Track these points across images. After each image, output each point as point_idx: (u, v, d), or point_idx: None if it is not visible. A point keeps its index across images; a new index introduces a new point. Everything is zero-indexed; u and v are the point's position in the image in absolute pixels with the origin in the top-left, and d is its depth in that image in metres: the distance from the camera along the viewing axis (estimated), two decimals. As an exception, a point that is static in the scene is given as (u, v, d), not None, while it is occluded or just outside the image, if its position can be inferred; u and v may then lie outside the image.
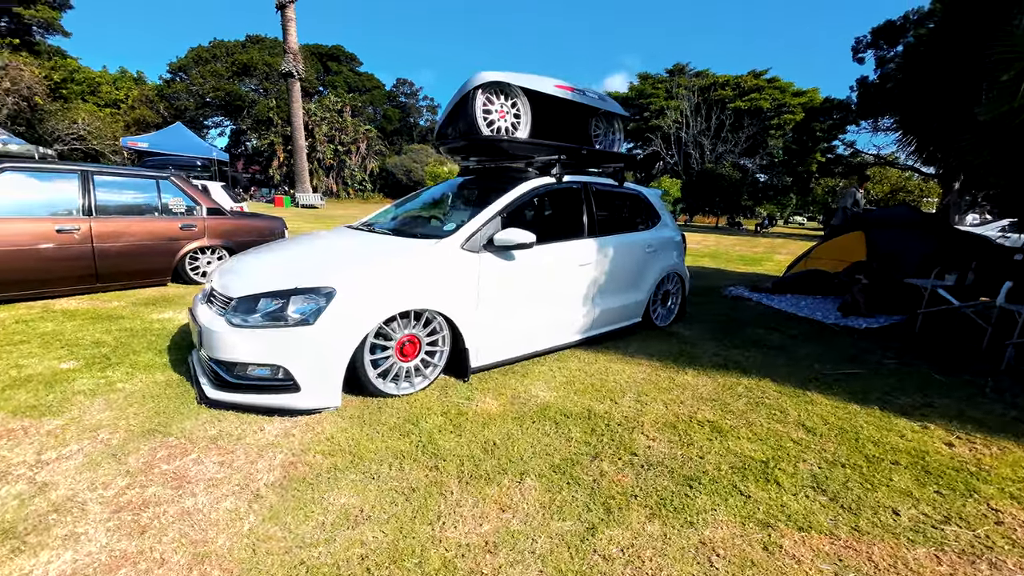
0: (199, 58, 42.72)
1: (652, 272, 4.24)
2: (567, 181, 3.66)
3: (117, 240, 4.63)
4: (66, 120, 26.65)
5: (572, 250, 3.50)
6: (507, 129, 3.69)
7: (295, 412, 2.39)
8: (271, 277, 2.55)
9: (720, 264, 10.56)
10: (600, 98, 4.30)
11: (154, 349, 3.24)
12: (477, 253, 2.92)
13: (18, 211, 4.12)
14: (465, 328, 2.87)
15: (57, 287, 4.41)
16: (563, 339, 3.57)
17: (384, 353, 2.62)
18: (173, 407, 2.41)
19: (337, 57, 50.41)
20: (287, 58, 25.72)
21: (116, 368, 2.88)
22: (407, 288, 2.63)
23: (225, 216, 5.58)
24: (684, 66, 43.55)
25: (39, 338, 3.36)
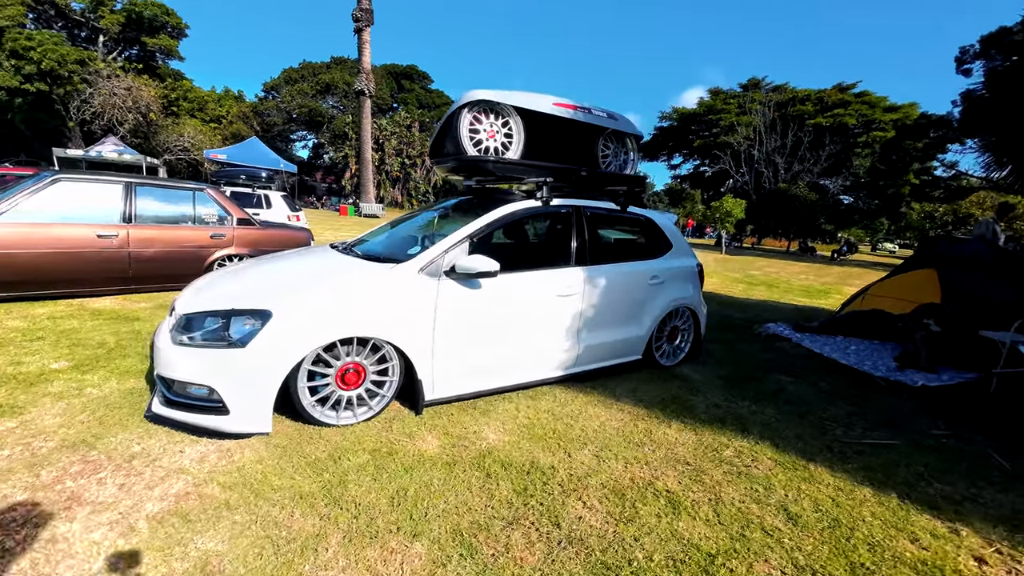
0: (289, 78, 46.97)
1: (656, 305, 3.85)
2: (555, 205, 3.42)
3: (150, 246, 5.01)
4: (175, 134, 30.23)
5: (550, 279, 3.24)
6: (497, 149, 3.53)
7: (224, 435, 2.36)
8: (220, 296, 2.56)
9: (775, 295, 9.62)
10: (609, 116, 4.03)
11: (144, 354, 3.40)
12: (436, 279, 2.77)
13: (67, 217, 4.57)
14: (418, 359, 2.72)
15: (96, 287, 4.84)
16: (539, 375, 3.31)
17: (324, 380, 2.53)
18: (118, 419, 2.47)
19: (411, 76, 53.22)
20: (360, 77, 27.52)
21: (97, 371, 3.04)
22: (352, 314, 2.53)
23: (253, 226, 5.89)
24: (760, 80, 41.20)
25: (56, 335, 3.66)
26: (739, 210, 20.83)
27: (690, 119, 43.67)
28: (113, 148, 21.68)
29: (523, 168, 3.51)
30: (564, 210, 3.48)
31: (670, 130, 46.30)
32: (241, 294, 2.50)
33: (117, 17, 28.65)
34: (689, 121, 43.99)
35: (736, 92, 41.88)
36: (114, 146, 21.83)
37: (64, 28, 28.53)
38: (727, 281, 11.20)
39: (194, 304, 2.49)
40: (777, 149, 33.51)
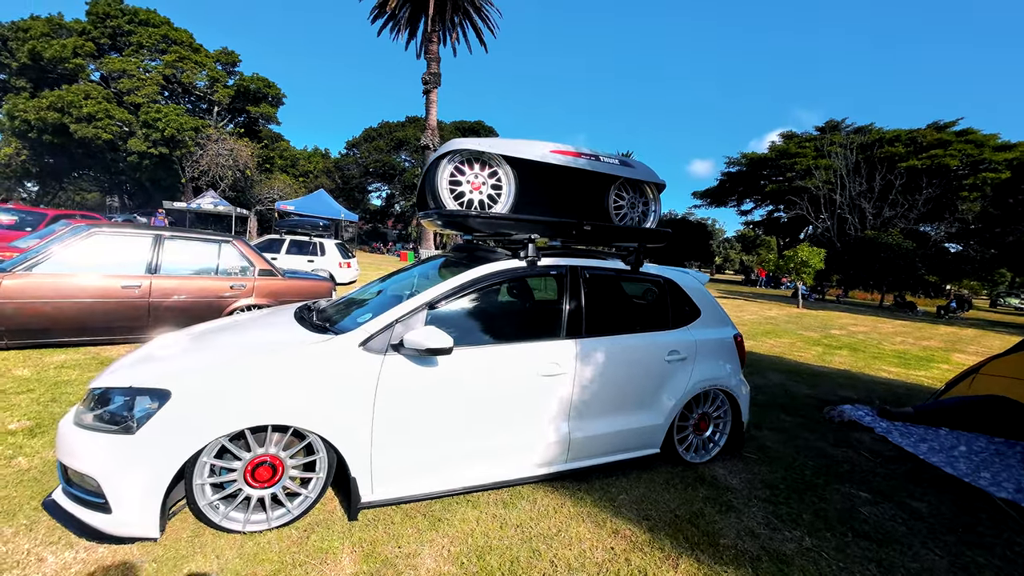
0: (368, 136, 51.58)
1: (676, 387, 3.12)
2: (545, 265, 2.91)
3: (171, 296, 5.12)
4: (267, 187, 33.78)
5: (531, 355, 2.68)
6: (482, 202, 3.13)
7: (106, 538, 1.99)
8: (131, 366, 2.27)
9: (860, 362, 8.13)
10: (622, 163, 3.51)
11: (108, 415, 3.24)
12: (381, 355, 2.33)
13: (97, 268, 4.79)
14: (351, 452, 2.24)
15: (115, 335, 4.97)
16: (516, 472, 2.68)
17: (228, 476, 2.12)
18: (16, 504, 2.21)
19: (477, 131, 56.32)
20: (426, 134, 29.31)
21: (46, 435, 2.89)
22: (268, 396, 2.13)
23: (275, 276, 5.92)
24: (840, 122, 38.68)
25: (45, 389, 3.64)
26: (817, 259, 18.79)
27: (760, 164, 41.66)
28: (211, 201, 24.53)
29: (511, 223, 3.06)
30: (555, 271, 2.95)
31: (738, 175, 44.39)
32: (146, 368, 2.20)
33: (229, 91, 33.37)
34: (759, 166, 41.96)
35: (812, 135, 39.50)
36: (212, 199, 24.70)
37: (188, 101, 33.66)
38: (800, 342, 9.74)
39: (105, 377, 2.23)
40: (863, 193, 30.59)
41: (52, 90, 26.60)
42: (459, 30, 30.10)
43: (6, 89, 28.86)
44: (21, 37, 26.76)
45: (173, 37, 30.95)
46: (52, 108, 25.70)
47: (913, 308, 23.02)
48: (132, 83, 28.14)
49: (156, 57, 30.55)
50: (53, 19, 28.64)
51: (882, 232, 27.29)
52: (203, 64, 32.04)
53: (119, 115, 27.31)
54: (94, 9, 29.09)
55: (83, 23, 28.97)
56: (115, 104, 27.60)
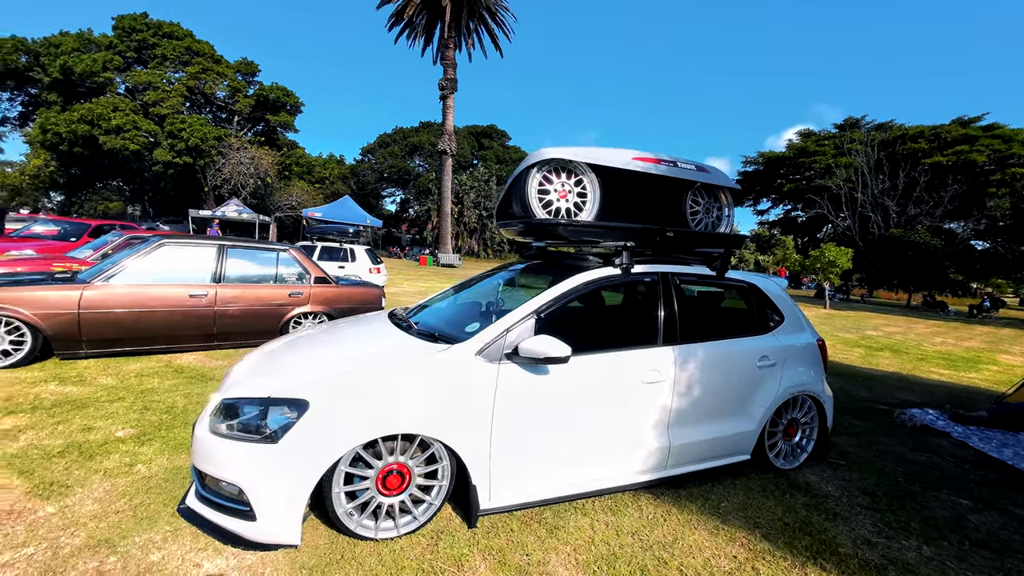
0: (383, 142, 52.12)
1: (767, 393, 3.11)
2: (638, 272, 2.93)
3: (234, 304, 5.23)
4: (286, 194, 34.26)
5: (635, 362, 2.70)
6: (569, 210, 3.16)
7: (249, 545, 2.04)
8: (263, 377, 2.34)
9: (906, 364, 8.00)
10: (698, 168, 3.52)
11: (203, 423, 3.33)
12: (497, 364, 2.36)
13: (167, 278, 4.92)
14: (472, 460, 2.28)
15: (184, 343, 5.09)
16: (619, 479, 2.69)
17: (362, 484, 2.16)
18: (152, 510, 2.28)
19: (490, 135, 56.60)
20: (443, 139, 29.61)
21: (155, 442, 2.97)
22: (397, 405, 2.18)
23: (329, 284, 6.02)
24: (859, 120, 38.11)
25: (134, 397, 3.75)
26: (845, 259, 18.51)
27: (778, 163, 41.20)
28: (235, 208, 24.98)
29: (598, 231, 3.09)
30: (649, 278, 2.97)
31: (755, 175, 43.94)
32: (281, 378, 2.26)
33: (249, 101, 33.98)
34: (777, 165, 41.50)
35: (831, 133, 38.95)
36: (236, 207, 25.14)
37: (210, 112, 34.34)
38: (839, 344, 9.60)
39: (238, 387, 2.29)
40: (886, 191, 30.08)
41: (82, 103, 27.35)
42: (475, 36, 30.36)
43: (38, 103, 29.76)
44: (53, 52, 27.60)
45: (196, 49, 31.65)
46: (82, 121, 26.43)
47: (944, 308, 22.52)
48: (157, 95, 28.82)
49: (180, 69, 31.26)
50: (83, 34, 29.50)
51: (907, 230, 26.79)
52: (224, 75, 32.69)
53: (145, 126, 27.98)
54: (120, 23, 29.88)
55: (110, 37, 29.78)
56: (142, 115, 28.28)
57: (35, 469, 2.56)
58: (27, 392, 3.65)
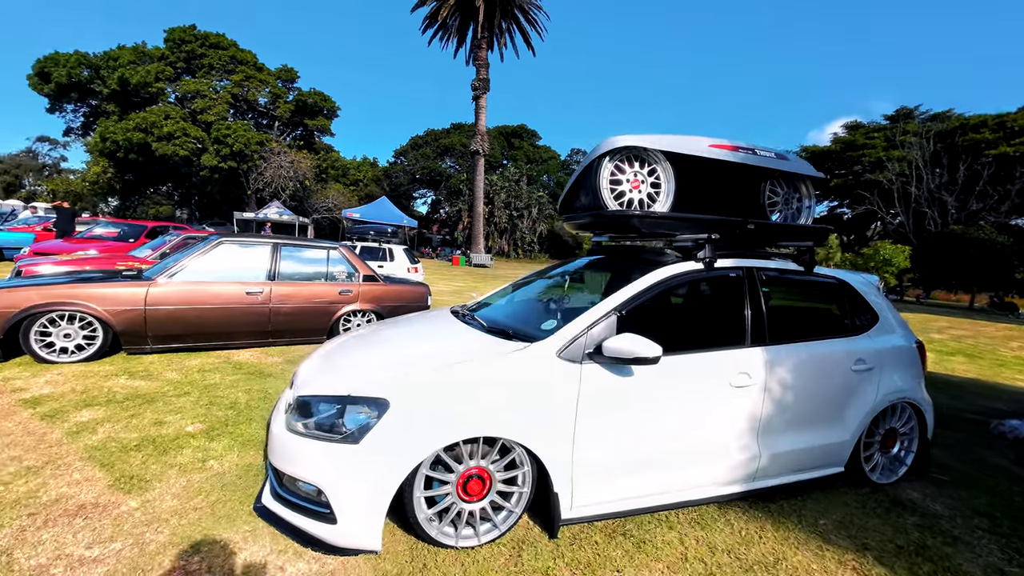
0: (415, 144, 52.87)
1: (864, 399, 2.84)
2: (721, 267, 2.72)
3: (287, 302, 5.29)
4: (323, 196, 35.22)
5: (723, 364, 2.49)
6: (642, 201, 2.97)
7: (329, 548, 1.97)
8: (338, 375, 2.27)
9: (985, 370, 7.35)
10: (777, 156, 3.27)
11: (264, 420, 3.32)
12: (579, 364, 2.21)
13: (225, 276, 5.01)
14: (555, 466, 2.14)
15: (240, 340, 5.18)
16: (705, 491, 2.49)
17: (442, 489, 2.06)
18: (230, 508, 2.25)
19: (520, 134, 56.55)
20: (476, 139, 29.72)
21: (223, 438, 2.97)
22: (477, 406, 2.06)
23: (377, 282, 6.02)
24: (912, 110, 35.88)
25: (199, 392, 3.80)
26: (901, 257, 17.44)
27: (823, 157, 39.32)
28: (276, 210, 25.83)
29: (675, 223, 2.90)
30: (733, 273, 2.75)
31: (798, 170, 42.04)
32: (359, 375, 2.18)
33: (289, 106, 35.11)
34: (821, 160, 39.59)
35: (880, 125, 36.83)
36: (277, 209, 26.00)
37: (252, 118, 35.69)
38: (906, 348, 8.93)
39: (312, 384, 2.23)
40: (944, 185, 28.17)
41: (137, 112, 28.93)
42: (507, 35, 30.33)
43: (98, 113, 31.68)
44: (111, 66, 29.31)
45: (239, 58, 32.94)
46: (137, 129, 27.94)
47: (1014, 310, 20.83)
48: (205, 102, 30.15)
49: (225, 77, 32.60)
50: (138, 47, 31.20)
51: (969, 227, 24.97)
52: (266, 82, 33.90)
53: (194, 133, 29.32)
54: (171, 36, 31.43)
55: (162, 50, 31.36)
56: (190, 123, 29.65)
57: (115, 462, 2.59)
58: (101, 386, 3.75)
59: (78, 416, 3.15)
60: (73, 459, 2.59)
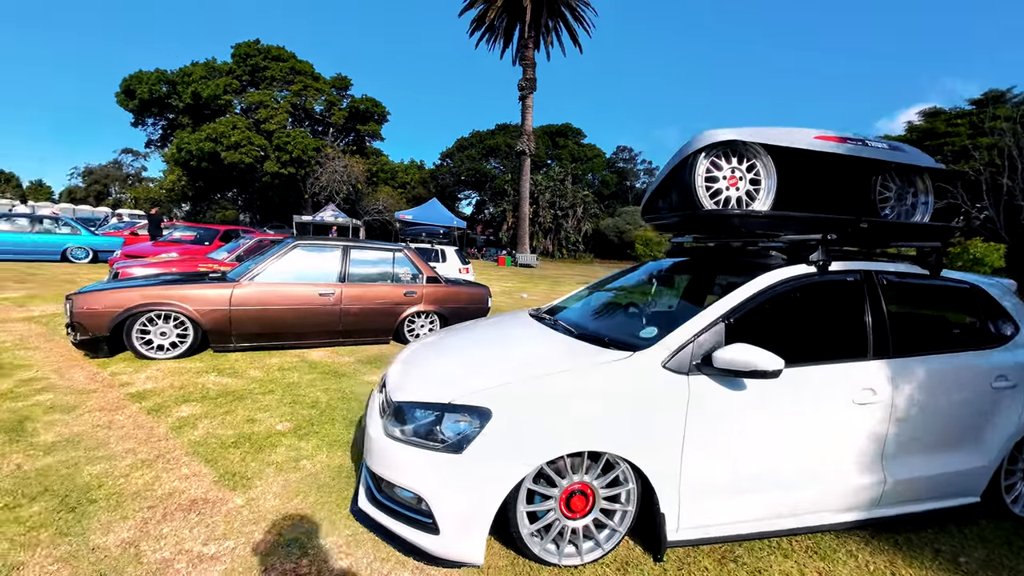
0: (461, 146, 53.65)
1: (1006, 421, 2.50)
2: (836, 271, 2.47)
3: (357, 303, 5.42)
4: (373, 199, 36.44)
5: (844, 378, 2.26)
6: (740, 200, 2.77)
7: (430, 559, 1.94)
8: (433, 381, 2.24)
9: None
10: (891, 147, 2.96)
11: (347, 420, 3.38)
12: (685, 376, 2.06)
13: (299, 278, 5.20)
14: (661, 484, 2.00)
15: (312, 339, 5.36)
16: (821, 517, 2.27)
17: (544, 504, 1.97)
18: (329, 509, 2.27)
19: (564, 133, 56.10)
20: (522, 139, 29.70)
21: (311, 438, 3.04)
22: (582, 419, 1.96)
23: (440, 284, 6.07)
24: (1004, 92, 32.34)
25: (282, 390, 3.94)
26: (996, 256, 15.76)
27: (896, 148, 36.15)
28: (331, 214, 26.97)
29: (778, 222, 2.68)
30: (851, 277, 2.50)
31: (867, 163, 39.01)
32: (457, 383, 2.14)
33: (343, 113, 36.61)
34: (896, 151, 36.41)
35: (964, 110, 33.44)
36: (332, 212, 27.15)
37: (308, 125, 37.50)
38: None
39: (407, 390, 2.21)
40: (1044, 175, 25.14)
41: (208, 124, 31.13)
42: (554, 34, 30.11)
43: (174, 126, 34.38)
44: (186, 81, 31.72)
45: (298, 68, 34.70)
46: (208, 139, 30.06)
47: None
48: (267, 112, 31.99)
49: (284, 88, 34.44)
50: (209, 63, 33.60)
51: (1077, 222, 22.12)
52: (322, 90, 35.50)
53: (257, 141, 31.17)
54: (237, 51, 33.59)
55: (229, 64, 33.58)
56: (254, 132, 31.56)
57: (217, 458, 2.70)
58: (195, 382, 3.97)
59: (179, 411, 3.34)
60: (179, 454, 2.73)
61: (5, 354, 4.38)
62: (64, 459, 2.58)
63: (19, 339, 4.93)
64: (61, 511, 2.13)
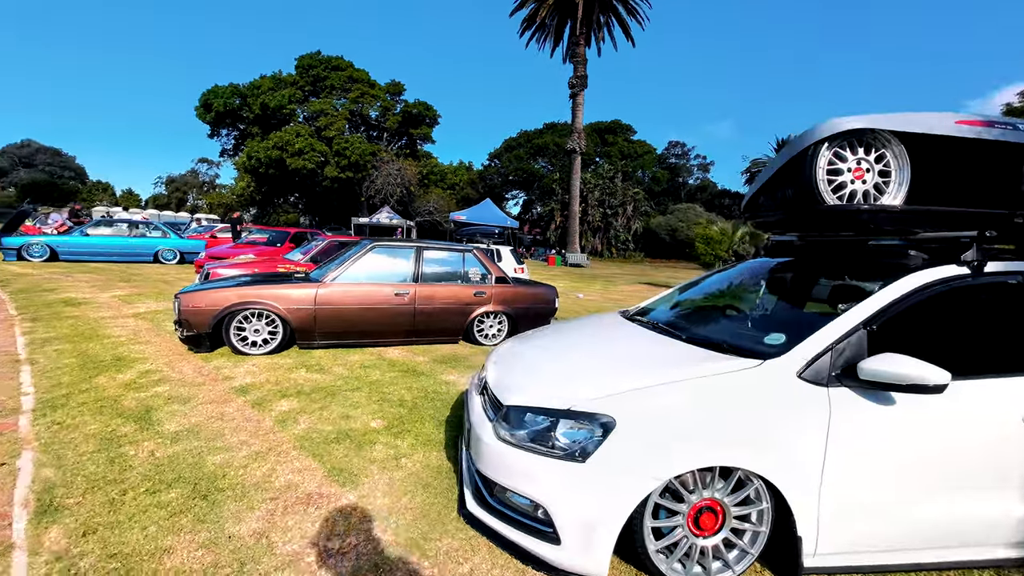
0: (508, 146, 53.90)
1: None
2: (993, 271, 2.19)
3: (429, 303, 5.52)
4: (424, 200, 37.38)
5: (1010, 394, 1.98)
6: (867, 193, 2.52)
7: (550, 570, 1.88)
8: (543, 384, 2.19)
9: None
10: (1051, 130, 2.59)
11: (436, 419, 3.42)
12: (824, 388, 1.89)
13: (377, 278, 5.36)
14: (798, 504, 1.84)
15: (388, 338, 5.51)
16: (979, 552, 2.01)
17: (671, 520, 1.87)
18: (436, 511, 2.28)
19: (614, 130, 54.99)
20: (572, 137, 29.38)
21: (405, 436, 3.09)
22: (712, 430, 1.84)
23: (509, 284, 6.06)
24: None
25: (367, 387, 4.06)
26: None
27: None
28: (387, 215, 27.91)
29: (916, 217, 2.41)
30: (1012, 280, 2.20)
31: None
32: (574, 387, 2.07)
33: (397, 118, 37.82)
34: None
35: (1079, 88, 29.46)
36: (387, 214, 28.09)
37: (364, 131, 39.05)
38: None
39: (517, 393, 2.17)
40: None
41: (275, 132, 33.15)
42: (605, 29, 29.57)
43: (245, 136, 36.90)
44: (255, 93, 33.97)
45: (355, 77, 36.21)
46: (275, 147, 32.01)
47: None
48: (327, 120, 33.61)
49: (343, 96, 36.04)
50: (276, 75, 35.82)
51: None
52: (378, 96, 36.84)
53: (319, 147, 32.82)
54: (301, 62, 35.56)
55: (293, 76, 35.61)
56: (316, 139, 33.25)
57: (322, 453, 2.79)
58: (288, 377, 4.18)
59: (279, 405, 3.51)
60: (288, 447, 2.85)
61: (123, 348, 4.81)
62: (189, 448, 2.77)
63: (132, 334, 5.41)
64: (195, 498, 2.27)
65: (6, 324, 5.58)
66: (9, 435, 2.86)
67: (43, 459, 2.59)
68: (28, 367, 4.11)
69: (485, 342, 5.92)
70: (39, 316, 6.02)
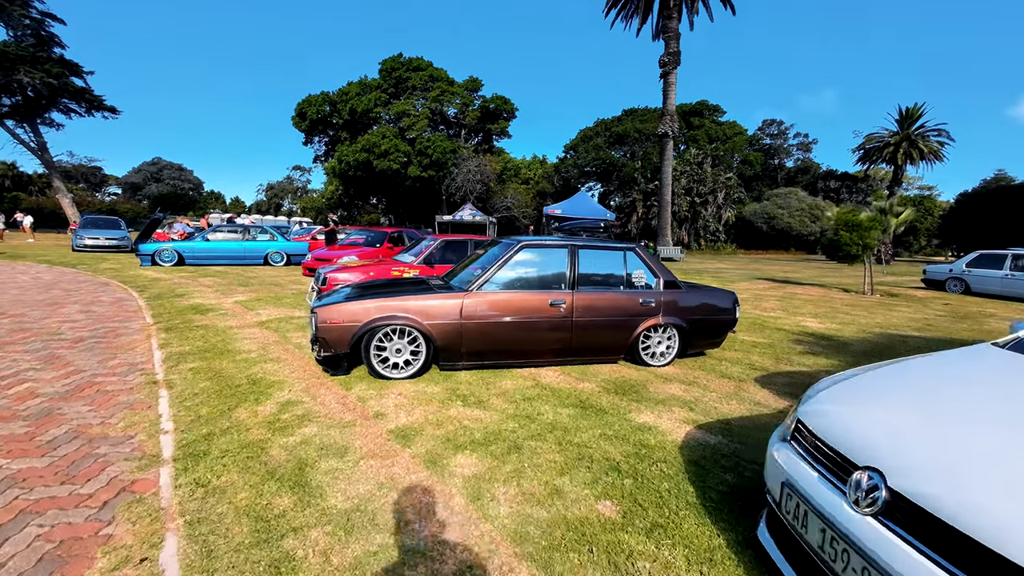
0: (585, 137, 51.86)
1: None
2: None
3: (588, 314, 4.46)
4: (502, 195, 36.89)
5: None
6: None
7: None
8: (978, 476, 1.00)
9: None
10: None
11: (685, 501, 2.34)
12: None
13: (527, 285, 4.40)
14: None
15: (542, 358, 4.54)
16: None
17: None
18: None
19: (700, 112, 50.86)
20: (664, 120, 27.02)
21: (662, 539, 2.03)
22: None
23: (681, 290, 4.83)
24: None
25: (549, 433, 3.09)
26: None
27: None
28: (469, 212, 27.60)
29: None
30: None
31: None
32: None
33: (475, 114, 37.63)
34: None
35: None
36: (470, 211, 27.77)
37: (443, 129, 39.36)
38: None
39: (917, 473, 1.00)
40: None
41: (362, 136, 34.36)
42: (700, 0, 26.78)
43: (335, 141, 38.78)
44: (344, 100, 35.44)
45: (435, 76, 36.49)
46: (363, 150, 33.14)
47: None
48: (410, 120, 34.18)
49: (423, 96, 36.49)
50: (362, 81, 37.14)
51: None
52: (456, 94, 36.86)
53: (402, 148, 33.49)
54: (384, 66, 36.50)
55: (377, 80, 36.66)
56: (400, 139, 33.96)
57: (558, 569, 1.81)
58: (447, 416, 3.32)
59: (458, 465, 2.63)
60: (509, 556, 1.91)
61: (256, 367, 4.29)
62: (373, 550, 1.92)
63: (261, 347, 4.95)
64: None
65: (144, 335, 5.39)
66: (150, 502, 2.22)
67: (189, 553, 1.87)
68: (166, 392, 3.65)
69: (652, 362, 4.76)
70: (172, 326, 5.84)
